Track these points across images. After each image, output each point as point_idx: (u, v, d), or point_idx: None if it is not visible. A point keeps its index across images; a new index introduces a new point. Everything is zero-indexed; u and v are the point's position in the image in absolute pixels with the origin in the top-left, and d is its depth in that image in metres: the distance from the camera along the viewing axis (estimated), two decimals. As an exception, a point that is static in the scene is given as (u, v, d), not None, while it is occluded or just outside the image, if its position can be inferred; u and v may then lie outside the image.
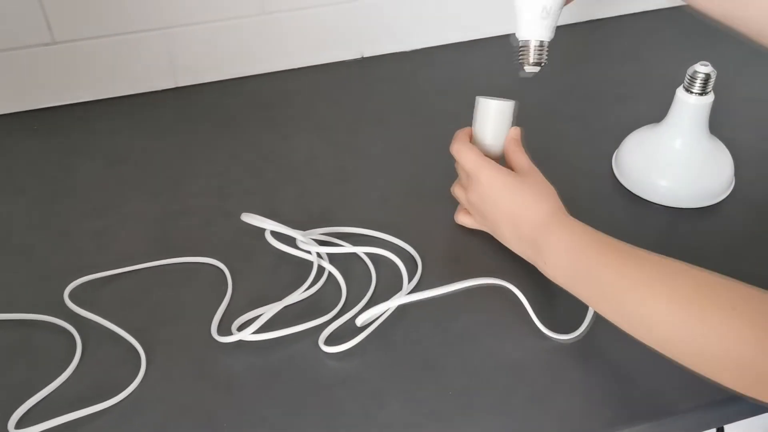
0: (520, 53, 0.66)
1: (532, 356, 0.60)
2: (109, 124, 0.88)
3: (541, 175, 0.65)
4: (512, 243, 0.65)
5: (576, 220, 0.61)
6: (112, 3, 0.84)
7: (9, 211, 0.76)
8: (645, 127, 0.79)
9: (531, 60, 0.66)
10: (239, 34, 0.91)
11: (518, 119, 0.69)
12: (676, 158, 0.74)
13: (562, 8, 0.65)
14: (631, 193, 0.76)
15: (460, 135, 0.68)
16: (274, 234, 0.70)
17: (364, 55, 0.98)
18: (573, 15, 1.03)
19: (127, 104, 0.91)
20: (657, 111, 0.77)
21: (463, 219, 0.71)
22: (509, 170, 0.64)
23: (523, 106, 0.70)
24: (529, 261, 0.63)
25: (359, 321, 0.62)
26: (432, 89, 0.92)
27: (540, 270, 0.62)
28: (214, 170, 0.81)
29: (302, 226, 0.72)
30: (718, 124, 0.75)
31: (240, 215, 0.70)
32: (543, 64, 0.66)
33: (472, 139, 0.68)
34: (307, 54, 0.96)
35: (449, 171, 0.70)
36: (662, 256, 0.55)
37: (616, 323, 0.55)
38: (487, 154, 0.66)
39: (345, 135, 0.86)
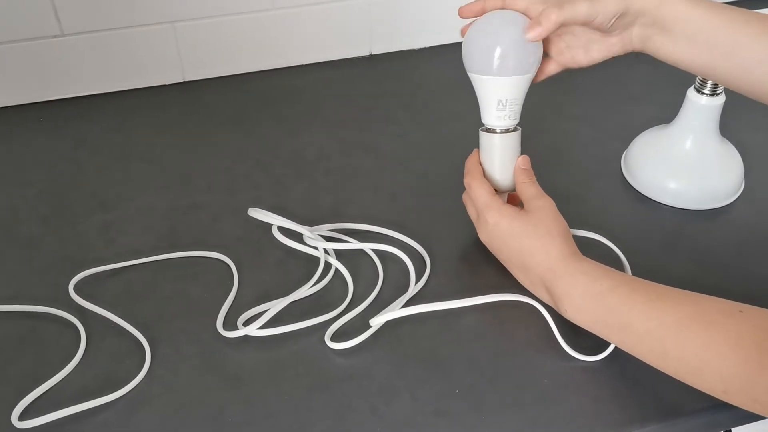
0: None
1: (540, 355, 0.60)
2: (117, 118, 0.88)
3: (550, 209, 0.62)
4: (525, 285, 0.63)
5: (588, 260, 0.59)
6: (121, -4, 0.84)
7: (16, 204, 0.76)
8: (655, 127, 0.78)
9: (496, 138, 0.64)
10: (249, 29, 0.91)
11: (529, 119, 0.69)
12: (685, 159, 0.74)
13: (523, 99, 0.63)
14: (640, 194, 0.76)
15: (473, 168, 0.65)
16: (281, 229, 0.69)
17: (373, 53, 0.98)
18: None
19: (134, 98, 0.91)
20: (667, 112, 0.76)
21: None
22: (515, 211, 0.62)
23: (532, 105, 0.69)
24: (549, 304, 0.61)
25: (374, 322, 0.61)
26: (441, 87, 0.92)
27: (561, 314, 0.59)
28: (221, 165, 0.80)
29: (310, 222, 0.71)
30: (728, 126, 0.74)
31: (247, 210, 0.70)
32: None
33: (483, 171, 0.66)
34: (316, 50, 0.96)
35: (458, 168, 0.69)
36: (685, 291, 0.53)
37: (658, 368, 0.53)
38: (498, 186, 0.65)
39: (353, 132, 0.85)
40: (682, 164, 0.74)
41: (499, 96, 0.62)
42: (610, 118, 0.86)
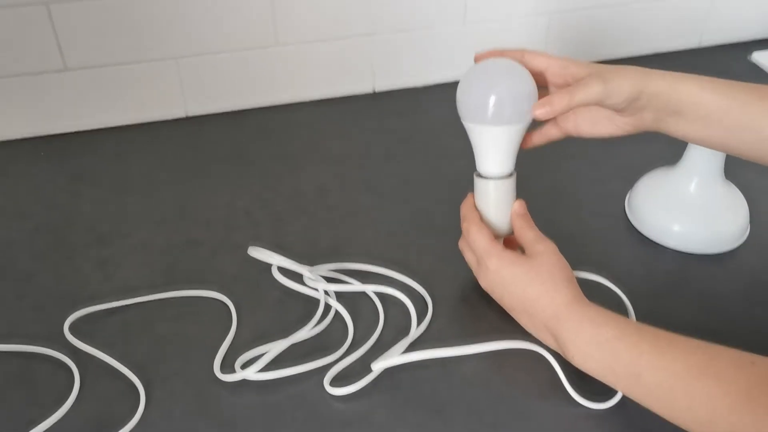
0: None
1: (544, 401, 0.58)
2: (118, 152, 0.87)
3: (552, 253, 0.61)
4: (531, 330, 0.62)
5: (592, 306, 0.58)
6: (125, 30, 0.84)
7: (13, 237, 0.75)
8: (659, 169, 0.78)
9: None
10: (252, 64, 0.91)
11: (532, 159, 0.68)
12: (690, 202, 0.73)
13: (517, 146, 0.62)
14: (644, 236, 0.75)
15: (469, 213, 0.64)
16: (280, 269, 0.68)
17: (376, 90, 0.98)
18: (589, 54, 1.03)
19: (136, 132, 0.91)
20: (671, 153, 0.76)
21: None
22: (516, 257, 0.61)
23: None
24: (555, 349, 0.60)
25: (375, 366, 0.60)
26: (443, 125, 0.92)
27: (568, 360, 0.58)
28: (221, 201, 0.80)
29: (310, 260, 0.70)
30: (733, 169, 0.74)
31: (246, 247, 0.69)
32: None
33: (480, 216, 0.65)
34: (319, 87, 0.96)
35: (459, 207, 0.69)
36: (694, 340, 0.52)
37: (667, 418, 0.51)
38: (495, 232, 0.64)
39: (355, 169, 0.85)
40: (687, 207, 0.73)
41: (496, 144, 0.61)
42: (613, 158, 0.86)
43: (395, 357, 0.60)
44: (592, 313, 0.57)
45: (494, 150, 0.62)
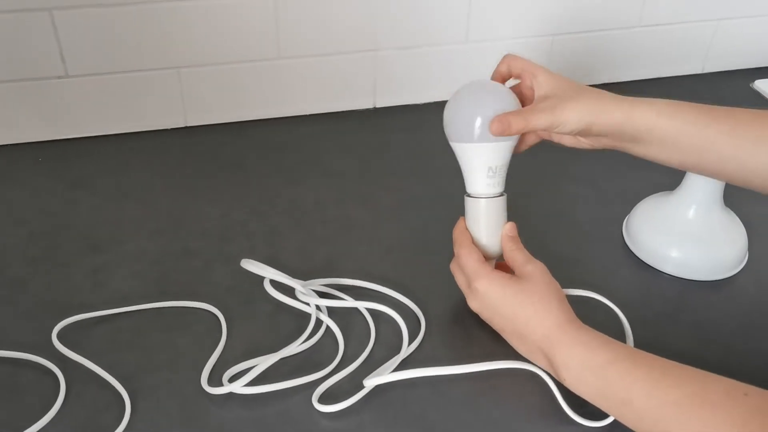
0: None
1: (539, 421, 0.57)
2: (116, 160, 0.87)
3: (542, 274, 0.60)
4: (522, 352, 0.61)
5: (585, 329, 0.57)
6: (127, 39, 0.85)
7: (7, 243, 0.75)
8: (658, 194, 0.77)
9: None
10: (253, 77, 0.91)
11: (531, 180, 0.68)
12: (688, 229, 0.73)
13: (506, 165, 0.63)
14: (642, 261, 0.74)
15: (460, 236, 0.64)
16: (273, 283, 0.68)
17: (377, 106, 0.98)
18: (591, 78, 1.03)
19: (135, 141, 0.91)
20: (671, 178, 0.75)
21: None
22: (506, 279, 0.60)
23: (533, 165, 0.69)
24: (548, 371, 0.59)
25: (366, 383, 0.59)
26: (443, 143, 0.91)
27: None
28: (217, 212, 0.79)
29: (303, 275, 0.70)
30: (732, 196, 0.73)
31: (240, 260, 0.69)
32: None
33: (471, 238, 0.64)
34: (320, 101, 0.96)
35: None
36: (688, 368, 0.52)
37: None
38: (487, 253, 0.64)
39: (353, 184, 0.85)
40: (685, 233, 0.73)
41: (484, 163, 0.62)
42: (613, 181, 0.86)
43: (387, 374, 0.60)
44: (584, 337, 0.56)
45: (482, 169, 0.62)
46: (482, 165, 0.62)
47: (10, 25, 0.80)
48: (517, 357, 0.62)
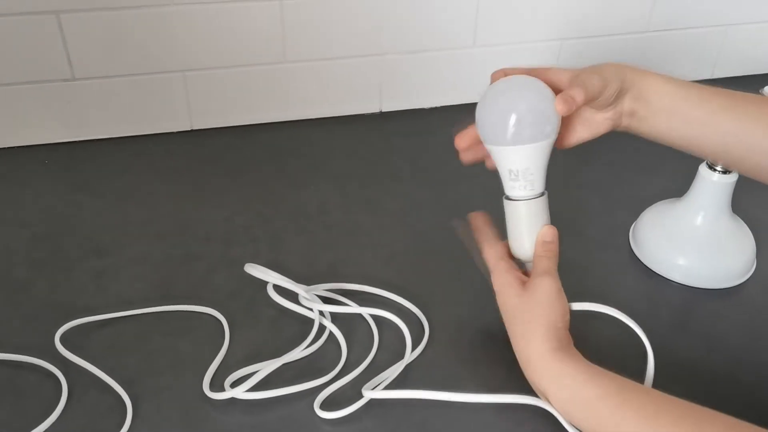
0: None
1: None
2: (121, 163, 0.87)
3: (547, 291, 0.56)
4: (518, 360, 0.58)
5: (573, 359, 0.54)
6: (133, 43, 0.85)
7: (11, 245, 0.75)
8: (665, 201, 0.77)
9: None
10: (259, 80, 0.91)
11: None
12: (695, 236, 0.72)
13: (542, 168, 0.59)
14: (648, 268, 0.74)
15: (482, 229, 0.62)
16: (276, 288, 0.68)
17: (383, 110, 0.98)
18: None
19: (140, 144, 0.91)
20: (678, 185, 0.75)
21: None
22: (514, 285, 0.58)
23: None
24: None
25: (367, 394, 0.59)
26: (449, 147, 0.90)
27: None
28: (221, 216, 0.79)
29: (307, 279, 0.69)
30: (740, 203, 0.73)
31: (243, 264, 0.69)
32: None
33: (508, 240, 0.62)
34: (325, 105, 0.95)
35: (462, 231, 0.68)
36: (682, 404, 0.49)
37: None
38: (516, 256, 0.61)
39: (358, 188, 0.84)
40: (692, 241, 0.72)
41: (510, 165, 0.59)
42: (620, 188, 0.85)
43: (385, 391, 0.59)
44: (571, 369, 0.53)
45: (506, 172, 0.59)
46: (515, 167, 0.58)
47: (18, 28, 0.81)
48: (528, 388, 0.59)
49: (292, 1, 0.86)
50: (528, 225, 0.60)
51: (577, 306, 0.60)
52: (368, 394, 0.59)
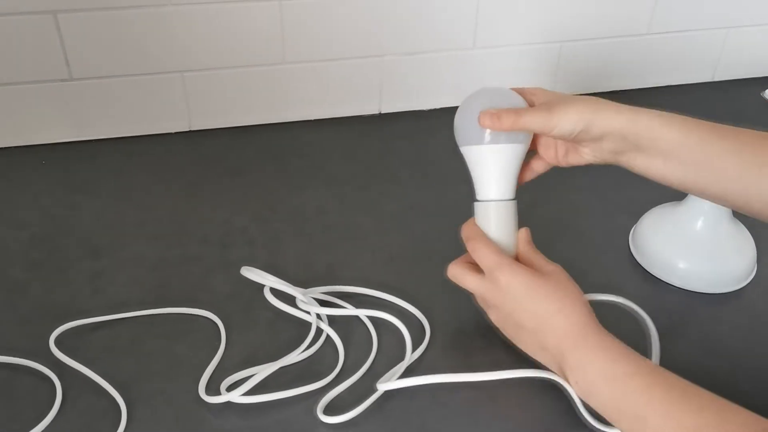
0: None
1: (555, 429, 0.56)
2: (119, 164, 0.87)
3: (565, 274, 0.59)
4: (535, 352, 0.59)
5: (609, 335, 0.55)
6: (132, 43, 0.84)
7: (8, 246, 0.74)
8: (665, 204, 0.76)
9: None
10: (258, 81, 0.91)
11: (537, 190, 0.67)
12: (696, 240, 0.71)
13: (515, 170, 0.61)
14: (648, 272, 0.73)
15: (472, 232, 0.61)
16: (273, 291, 0.67)
17: (382, 111, 0.98)
18: (600, 85, 1.02)
19: (138, 144, 0.90)
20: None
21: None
22: (531, 271, 0.58)
23: (540, 175, 0.67)
24: (555, 372, 0.58)
25: (380, 387, 0.59)
26: (448, 150, 0.90)
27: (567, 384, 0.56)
28: (218, 217, 0.79)
29: (304, 282, 0.69)
30: (741, 208, 0.72)
31: (240, 266, 0.68)
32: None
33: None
34: (324, 106, 0.95)
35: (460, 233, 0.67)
36: (707, 394, 0.50)
37: None
38: None
39: (356, 190, 0.84)
40: (693, 245, 0.71)
41: (492, 165, 0.61)
42: (620, 191, 0.85)
43: (403, 379, 0.59)
44: (608, 343, 0.54)
45: (494, 172, 0.61)
46: (494, 167, 0.60)
47: (15, 28, 0.80)
48: (530, 365, 0.60)
49: (292, 2, 0.86)
50: (513, 227, 0.62)
51: (589, 297, 0.60)
52: (382, 386, 0.58)
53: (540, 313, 0.57)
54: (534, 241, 0.63)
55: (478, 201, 0.63)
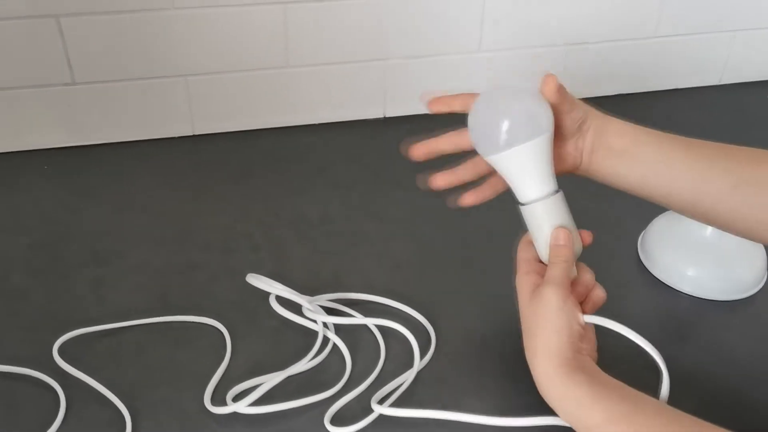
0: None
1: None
2: (121, 169, 0.86)
3: (555, 299, 0.53)
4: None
5: (575, 381, 0.50)
6: (134, 46, 0.83)
7: (10, 252, 0.73)
8: (673, 211, 0.75)
9: None
10: (262, 85, 0.90)
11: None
12: (706, 246, 0.71)
13: (543, 164, 0.57)
14: (657, 279, 0.72)
15: (518, 253, 0.59)
16: (279, 299, 0.66)
17: (387, 115, 0.97)
18: (606, 88, 1.01)
19: (141, 149, 0.89)
20: (688, 195, 0.73)
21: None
22: (528, 292, 0.54)
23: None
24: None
25: (377, 409, 0.57)
26: (453, 154, 0.90)
27: None
28: (222, 223, 0.78)
29: (310, 289, 0.68)
30: (752, 214, 0.71)
31: (245, 273, 0.67)
32: None
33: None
34: (328, 110, 0.94)
35: (467, 239, 0.67)
36: (698, 423, 0.47)
37: None
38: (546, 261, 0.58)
39: (361, 195, 0.83)
40: (703, 251, 0.71)
41: (520, 167, 0.56)
42: (627, 196, 0.83)
43: (398, 409, 0.58)
44: (574, 392, 0.50)
45: (525, 172, 0.56)
46: (518, 170, 0.56)
47: (17, 32, 0.79)
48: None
49: (296, 5, 0.85)
50: (539, 227, 0.57)
51: (588, 319, 0.58)
52: (378, 409, 0.57)
53: (524, 341, 0.54)
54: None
55: (521, 205, 0.58)
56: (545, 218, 0.57)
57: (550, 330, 0.52)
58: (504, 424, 0.57)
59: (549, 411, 0.52)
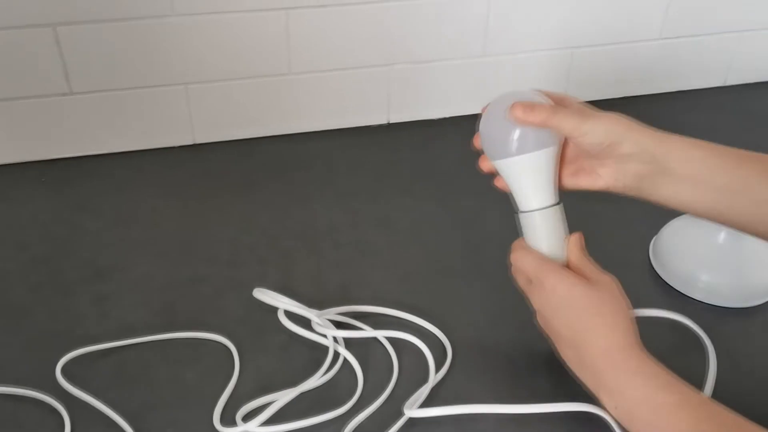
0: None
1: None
2: (121, 180, 0.84)
3: (617, 286, 0.55)
4: (573, 366, 0.55)
5: (650, 359, 0.51)
6: (133, 55, 0.82)
7: (8, 268, 0.72)
8: (686, 215, 0.74)
9: None
10: (264, 93, 0.88)
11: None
12: (719, 253, 0.70)
13: (549, 175, 0.58)
14: (669, 285, 0.71)
15: (515, 243, 0.59)
16: (287, 313, 0.65)
17: (391, 121, 0.95)
18: (612, 91, 1.00)
19: (141, 159, 0.88)
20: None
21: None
22: (578, 278, 0.54)
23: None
24: (592, 391, 0.54)
25: (408, 413, 0.57)
26: (459, 160, 0.89)
27: (603, 406, 0.53)
28: (227, 235, 0.76)
29: (318, 302, 0.67)
30: (766, 219, 0.70)
31: (251, 286, 0.66)
32: None
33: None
34: (332, 117, 0.93)
35: (475, 245, 0.65)
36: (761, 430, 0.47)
37: None
38: None
39: (367, 204, 0.82)
40: (715, 258, 0.70)
41: (525, 175, 0.57)
42: (639, 201, 0.82)
43: (429, 409, 0.57)
44: (648, 369, 0.51)
45: (529, 181, 0.57)
46: (523, 178, 0.57)
47: (13, 41, 0.78)
48: (577, 396, 0.57)
49: (298, 11, 0.83)
50: (562, 233, 0.59)
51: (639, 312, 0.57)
52: (410, 412, 0.56)
53: (578, 324, 0.54)
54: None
55: (521, 213, 0.59)
56: (543, 227, 0.58)
57: (627, 310, 0.54)
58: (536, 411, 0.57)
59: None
